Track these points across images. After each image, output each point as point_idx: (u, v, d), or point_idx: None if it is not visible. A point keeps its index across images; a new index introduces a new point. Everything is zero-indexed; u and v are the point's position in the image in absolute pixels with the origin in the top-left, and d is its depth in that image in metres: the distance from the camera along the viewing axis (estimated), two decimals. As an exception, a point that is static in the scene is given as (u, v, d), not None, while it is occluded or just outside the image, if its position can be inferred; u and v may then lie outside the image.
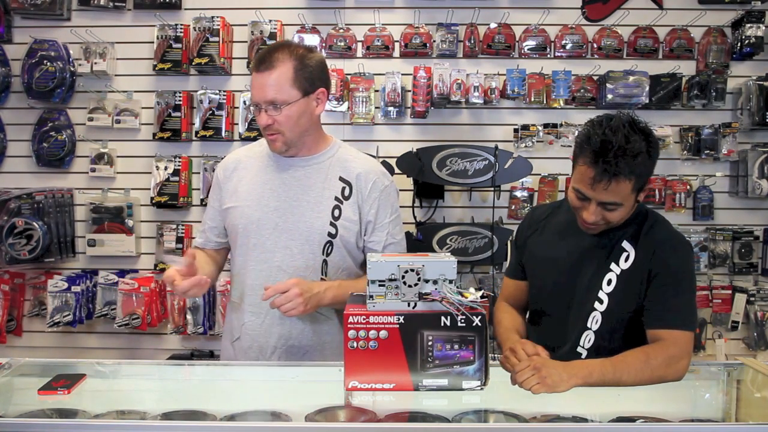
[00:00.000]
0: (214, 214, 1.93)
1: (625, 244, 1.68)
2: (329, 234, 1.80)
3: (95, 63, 3.06)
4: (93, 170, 3.11)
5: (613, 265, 1.68)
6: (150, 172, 3.10)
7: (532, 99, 3.07)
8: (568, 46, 3.11)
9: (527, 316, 1.93)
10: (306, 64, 1.75)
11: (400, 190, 3.10)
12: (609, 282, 1.67)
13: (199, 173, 3.13)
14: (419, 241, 2.94)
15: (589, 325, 1.69)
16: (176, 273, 1.67)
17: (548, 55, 3.13)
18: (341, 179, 1.84)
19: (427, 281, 1.45)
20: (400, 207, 3.07)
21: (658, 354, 1.55)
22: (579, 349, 1.71)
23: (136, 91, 3.13)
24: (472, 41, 3.09)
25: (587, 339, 1.70)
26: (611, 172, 1.55)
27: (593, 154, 1.57)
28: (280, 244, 1.80)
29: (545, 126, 3.08)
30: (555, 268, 1.76)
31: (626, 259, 1.67)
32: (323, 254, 1.81)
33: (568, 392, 1.45)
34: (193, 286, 1.67)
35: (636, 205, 1.70)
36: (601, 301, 1.68)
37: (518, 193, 3.09)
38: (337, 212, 1.81)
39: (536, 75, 3.08)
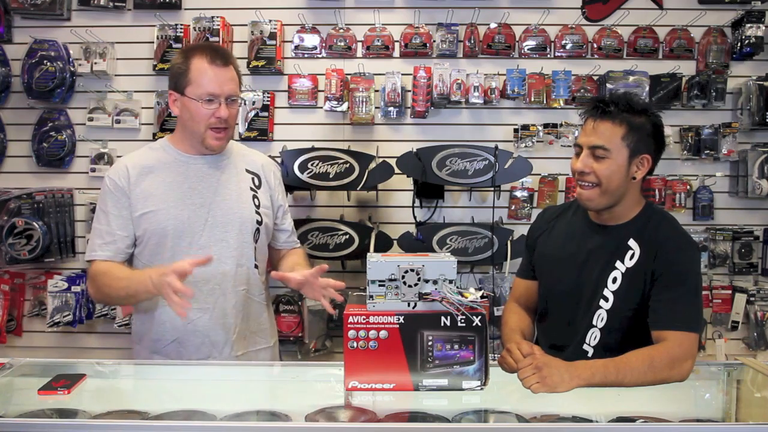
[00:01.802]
0: (123, 223, 1.84)
1: (631, 242, 1.69)
2: (257, 222, 1.94)
3: (95, 63, 3.06)
4: (93, 170, 3.11)
5: (618, 263, 1.69)
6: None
7: (532, 99, 3.07)
8: (568, 46, 3.11)
9: (537, 315, 1.94)
10: (239, 68, 1.92)
11: (400, 190, 3.12)
12: (614, 280, 1.68)
13: (199, 173, 3.12)
14: (419, 241, 2.93)
15: (594, 322, 1.70)
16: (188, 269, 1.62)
17: (548, 55, 3.13)
18: (248, 171, 1.98)
19: (427, 281, 1.45)
20: (400, 207, 3.12)
21: (661, 355, 1.55)
22: (585, 347, 1.72)
23: (136, 91, 3.13)
24: (472, 41, 3.09)
25: (593, 336, 1.71)
26: (601, 110, 1.66)
27: (592, 101, 1.70)
28: (215, 237, 1.87)
29: (545, 126, 3.08)
30: (563, 267, 1.78)
31: (631, 257, 1.68)
32: (254, 242, 1.94)
33: (569, 392, 1.46)
34: (186, 294, 1.59)
35: (638, 196, 1.73)
36: (606, 299, 1.69)
37: (518, 193, 3.09)
38: (256, 201, 1.95)
39: (536, 75, 3.08)
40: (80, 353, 3.13)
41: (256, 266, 1.96)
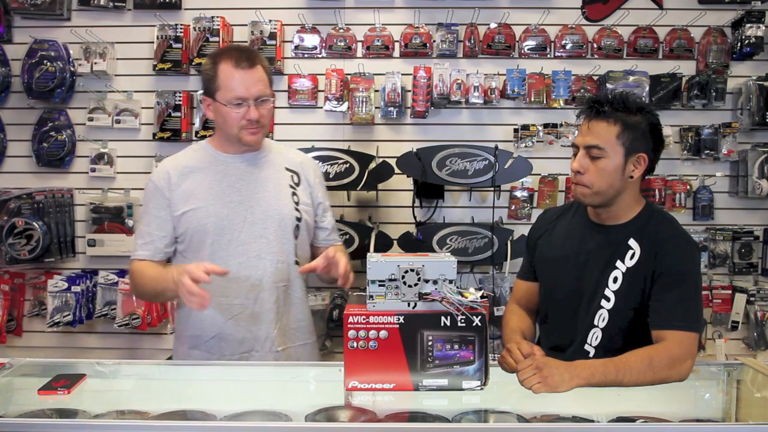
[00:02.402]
0: (162, 224, 1.89)
1: (632, 242, 1.69)
2: (296, 218, 1.95)
3: (95, 63, 3.06)
4: (93, 170, 3.11)
5: (619, 263, 1.69)
6: (150, 172, 3.09)
7: (532, 99, 3.07)
8: (568, 46, 3.11)
9: (538, 316, 1.94)
10: (268, 67, 1.95)
11: (400, 190, 3.12)
12: (615, 280, 1.68)
13: (199, 173, 3.12)
14: (419, 241, 2.93)
15: (596, 322, 1.70)
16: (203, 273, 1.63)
17: (548, 55, 3.13)
18: (288, 169, 2.00)
19: (427, 281, 1.45)
20: (400, 207, 3.12)
21: (661, 355, 1.55)
22: (587, 347, 1.72)
23: (136, 91, 3.13)
24: (472, 41, 3.09)
25: (594, 336, 1.71)
26: (596, 109, 1.67)
27: (588, 102, 1.71)
28: (254, 234, 1.89)
29: (545, 126, 3.08)
30: (564, 267, 1.78)
31: (632, 257, 1.68)
32: (294, 238, 1.95)
33: (569, 392, 1.46)
34: (202, 296, 1.62)
35: (638, 195, 1.74)
36: (607, 299, 1.69)
37: (518, 193, 3.09)
38: (295, 198, 1.97)
39: (536, 75, 3.08)
40: (80, 353, 3.13)
41: (296, 262, 1.97)
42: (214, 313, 1.87)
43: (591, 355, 1.70)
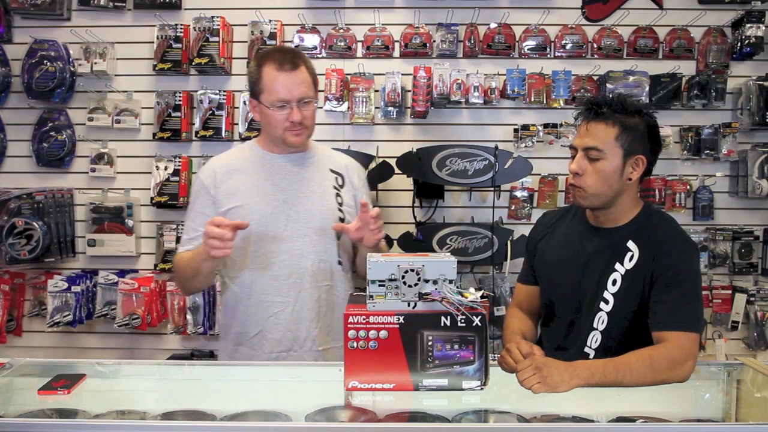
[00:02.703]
0: (205, 221, 1.87)
1: (630, 244, 1.69)
2: (340, 219, 1.96)
3: (95, 63, 3.06)
4: (93, 170, 3.11)
5: (617, 265, 1.69)
6: (150, 172, 3.10)
7: (532, 99, 3.07)
8: (568, 46, 3.11)
9: (540, 319, 1.94)
10: (312, 68, 1.95)
11: (400, 190, 3.12)
12: (614, 282, 1.68)
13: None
14: (419, 241, 2.93)
15: (595, 325, 1.70)
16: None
17: (548, 55, 3.13)
18: (332, 171, 2.02)
19: (427, 281, 1.45)
20: (401, 207, 3.12)
21: (662, 356, 1.54)
22: (587, 350, 1.72)
23: (136, 91, 3.13)
24: (472, 41, 3.09)
25: (594, 339, 1.71)
26: (594, 111, 1.67)
27: (586, 103, 1.71)
28: (298, 233, 1.91)
29: (545, 126, 3.08)
30: (563, 271, 1.78)
31: (630, 259, 1.68)
32: (337, 238, 1.96)
33: (569, 392, 1.46)
34: (224, 239, 1.66)
35: (636, 197, 1.74)
36: (607, 302, 1.69)
37: (518, 193, 3.09)
38: (339, 199, 1.99)
39: (536, 75, 3.08)
40: (80, 353, 3.13)
41: (339, 262, 1.98)
42: (256, 311, 1.91)
43: (591, 357, 1.70)
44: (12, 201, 2.99)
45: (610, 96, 1.72)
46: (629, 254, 1.69)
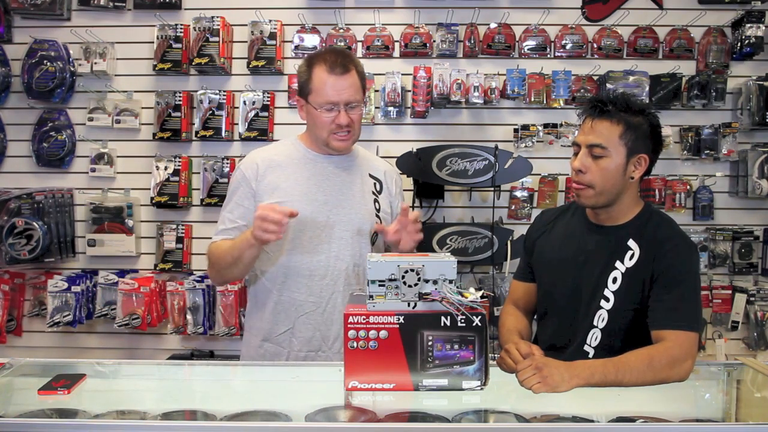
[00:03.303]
0: (245, 213, 1.92)
1: (631, 243, 1.69)
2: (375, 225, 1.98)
3: (95, 63, 3.06)
4: (93, 170, 3.11)
5: (618, 264, 1.69)
6: (150, 172, 3.10)
7: (532, 99, 3.07)
8: (568, 46, 3.11)
9: (536, 316, 1.94)
10: (363, 71, 1.97)
11: (400, 190, 3.12)
12: (614, 280, 1.69)
13: (199, 173, 3.12)
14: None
15: (595, 323, 1.70)
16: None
17: (548, 55, 3.13)
18: (371, 176, 2.05)
19: (427, 281, 1.45)
20: (400, 207, 3.12)
21: (661, 355, 1.55)
22: (586, 348, 1.72)
23: (136, 91, 3.13)
24: (472, 41, 3.09)
25: (594, 337, 1.71)
26: (599, 109, 1.68)
27: (590, 101, 1.72)
28: (335, 236, 1.92)
29: (545, 126, 3.08)
30: (562, 268, 1.78)
31: (631, 258, 1.69)
32: (371, 244, 1.99)
33: (569, 392, 1.46)
34: (281, 223, 1.67)
35: (637, 196, 1.74)
36: (607, 300, 1.69)
37: (518, 193, 3.09)
38: (377, 205, 2.02)
39: (536, 75, 3.08)
40: (80, 353, 3.13)
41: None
42: (287, 308, 1.92)
43: (591, 355, 1.70)
44: (12, 201, 2.99)
45: (614, 94, 1.72)
46: (630, 253, 1.69)
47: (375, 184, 2.05)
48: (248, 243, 1.77)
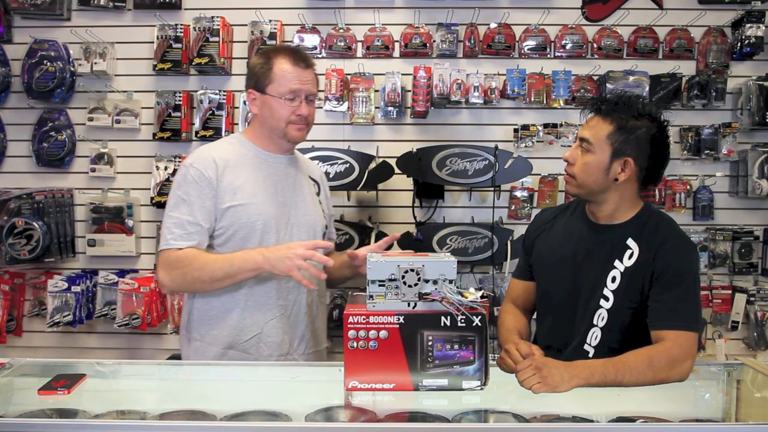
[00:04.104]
0: (207, 215, 1.83)
1: (630, 242, 1.69)
2: (324, 226, 2.03)
3: (95, 63, 3.06)
4: (93, 170, 3.11)
5: (617, 263, 1.69)
6: (150, 172, 3.10)
7: (532, 99, 3.07)
8: (568, 46, 3.11)
9: (535, 315, 1.95)
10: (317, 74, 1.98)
11: (400, 190, 3.12)
12: (614, 279, 1.69)
13: (199, 173, 3.12)
14: (419, 241, 2.93)
15: (595, 322, 1.70)
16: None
17: (548, 55, 3.13)
18: (310, 178, 2.06)
19: (427, 281, 1.45)
20: (400, 207, 3.12)
21: (661, 355, 1.55)
22: (586, 347, 1.72)
23: (136, 91, 3.13)
24: (472, 41, 3.09)
25: (594, 336, 1.71)
26: (595, 106, 1.73)
27: (593, 98, 1.80)
28: (295, 237, 1.91)
29: (545, 126, 3.08)
30: (561, 267, 1.78)
31: (630, 257, 1.69)
32: None
33: (569, 392, 1.46)
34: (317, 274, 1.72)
35: (634, 197, 1.74)
36: (606, 299, 1.69)
37: (518, 193, 3.09)
38: (321, 206, 2.04)
39: (536, 75, 3.08)
40: (80, 353, 3.13)
41: (324, 267, 2.00)
42: (255, 313, 1.87)
43: (591, 355, 1.70)
44: (12, 201, 2.99)
45: (621, 95, 1.72)
46: (629, 252, 1.69)
47: (314, 185, 2.06)
48: (254, 267, 1.72)
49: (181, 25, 3.06)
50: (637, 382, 1.52)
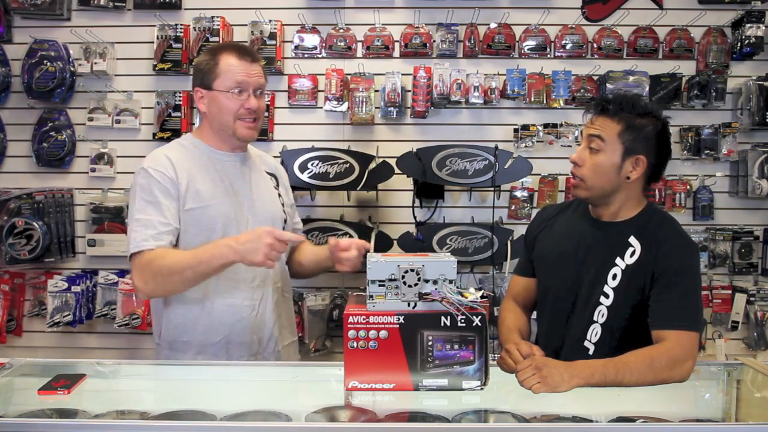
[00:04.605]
0: (174, 215, 1.79)
1: (632, 240, 1.69)
2: (284, 220, 2.00)
3: (95, 63, 3.06)
4: (93, 170, 3.11)
5: (618, 260, 1.69)
6: (150, 172, 3.09)
7: (532, 99, 3.07)
8: (568, 46, 3.11)
9: (535, 314, 1.95)
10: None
11: (400, 190, 3.12)
12: (614, 277, 1.69)
13: (199, 173, 3.12)
14: (419, 241, 2.93)
15: (595, 318, 1.71)
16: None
17: (548, 55, 3.13)
18: (267, 173, 2.04)
19: (427, 281, 1.45)
20: (400, 207, 3.12)
21: (662, 356, 1.55)
22: (586, 343, 1.72)
23: (136, 91, 3.13)
24: (472, 41, 3.09)
25: (594, 333, 1.71)
26: (601, 105, 1.71)
27: (596, 99, 1.80)
28: None
29: (545, 126, 3.08)
30: (563, 263, 1.78)
31: (632, 255, 1.69)
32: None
33: (568, 392, 1.46)
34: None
35: (639, 196, 1.74)
36: (607, 296, 1.69)
37: (518, 193, 3.09)
38: (281, 200, 2.02)
39: (536, 75, 3.08)
40: (80, 353, 3.12)
41: (286, 262, 2.05)
42: (221, 316, 1.85)
43: (591, 352, 1.70)
44: (12, 201, 2.99)
45: (621, 94, 1.72)
46: (630, 249, 1.69)
47: (272, 179, 2.04)
48: (223, 257, 1.68)
49: (181, 25, 3.06)
50: (637, 383, 1.51)
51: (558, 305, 1.80)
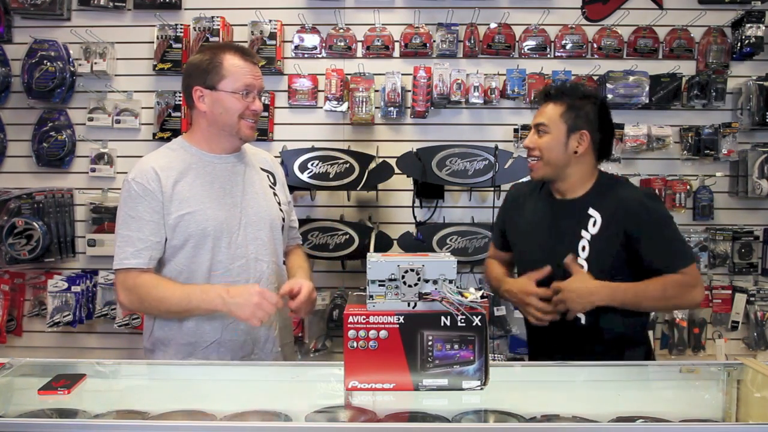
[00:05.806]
0: (156, 229, 1.78)
1: (591, 211, 1.86)
2: (282, 219, 1.98)
3: (95, 63, 3.06)
4: (93, 170, 3.12)
5: (583, 232, 1.85)
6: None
7: (532, 99, 3.07)
8: (568, 46, 3.11)
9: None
10: None
11: (400, 190, 3.12)
12: (583, 248, 1.85)
13: (199, 173, 3.12)
14: (419, 241, 2.93)
15: None
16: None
17: (548, 55, 3.13)
18: (263, 169, 2.01)
19: (427, 281, 1.45)
20: (400, 207, 3.12)
21: (674, 282, 1.78)
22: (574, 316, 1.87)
23: (136, 91, 3.13)
24: (472, 41, 3.09)
25: None
26: (544, 95, 1.93)
27: (542, 90, 1.96)
28: (250, 236, 1.88)
29: (545, 126, 3.08)
30: (535, 240, 1.95)
31: (594, 224, 1.85)
32: (281, 238, 2.00)
33: (568, 392, 1.46)
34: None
35: (591, 170, 1.91)
36: (581, 267, 1.83)
37: (518, 193, 3.09)
38: (277, 198, 1.99)
39: (536, 75, 3.08)
40: (80, 353, 3.13)
41: (283, 262, 2.04)
42: (212, 318, 1.83)
43: (582, 321, 1.84)
44: (12, 201, 2.99)
45: (565, 82, 1.95)
46: (591, 220, 1.84)
47: (268, 176, 2.00)
48: (211, 307, 1.71)
49: (181, 25, 3.06)
50: (653, 308, 1.77)
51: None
